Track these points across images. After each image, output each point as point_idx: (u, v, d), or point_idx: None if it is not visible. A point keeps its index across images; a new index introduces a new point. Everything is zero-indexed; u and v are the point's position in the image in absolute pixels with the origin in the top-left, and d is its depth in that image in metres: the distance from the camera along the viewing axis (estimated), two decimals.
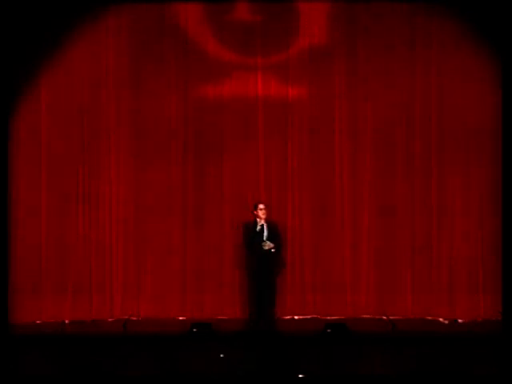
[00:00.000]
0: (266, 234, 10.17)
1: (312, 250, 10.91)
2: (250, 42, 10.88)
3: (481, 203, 10.81)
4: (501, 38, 10.49)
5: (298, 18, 10.86)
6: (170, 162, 10.92)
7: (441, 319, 10.65)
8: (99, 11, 10.80)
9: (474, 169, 10.81)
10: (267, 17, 10.84)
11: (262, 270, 10.12)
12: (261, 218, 10.18)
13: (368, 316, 10.78)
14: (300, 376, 8.52)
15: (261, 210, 10.19)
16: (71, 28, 10.75)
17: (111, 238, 10.90)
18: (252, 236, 10.17)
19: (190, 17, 10.92)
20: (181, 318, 10.74)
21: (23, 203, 10.76)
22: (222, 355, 8.87)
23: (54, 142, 10.82)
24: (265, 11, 10.84)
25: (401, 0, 10.81)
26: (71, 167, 10.85)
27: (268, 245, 10.10)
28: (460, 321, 10.60)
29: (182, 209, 10.93)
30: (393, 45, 10.82)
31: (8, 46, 10.47)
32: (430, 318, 10.69)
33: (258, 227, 10.17)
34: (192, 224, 10.93)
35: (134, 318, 10.70)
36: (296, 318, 10.78)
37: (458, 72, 10.76)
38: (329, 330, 9.65)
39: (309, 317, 10.78)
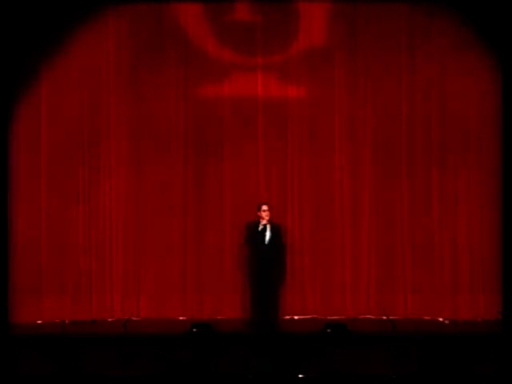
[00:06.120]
0: (268, 235, 10.13)
1: (312, 249, 10.90)
2: (250, 42, 10.88)
3: (482, 203, 10.79)
4: (501, 38, 10.49)
5: (298, 18, 10.86)
6: (170, 162, 10.91)
7: (441, 319, 10.65)
8: (99, 11, 10.81)
9: (475, 170, 10.79)
10: (267, 17, 10.84)
11: (262, 271, 10.12)
12: (263, 219, 10.10)
13: (368, 316, 10.78)
14: (300, 376, 8.52)
15: (264, 211, 10.08)
16: (71, 28, 10.75)
17: (111, 238, 10.90)
18: (252, 236, 10.13)
19: (190, 17, 10.93)
20: (181, 318, 10.73)
21: (23, 203, 10.76)
22: None
23: (54, 142, 10.80)
24: (265, 11, 10.84)
25: (401, 0, 10.82)
26: (71, 167, 10.84)
27: None
28: (460, 321, 10.60)
29: (182, 209, 10.92)
30: (393, 45, 10.82)
31: (8, 46, 10.47)
32: (429, 317, 10.69)
33: (260, 227, 10.12)
34: (192, 224, 10.92)
35: (134, 318, 10.70)
36: (296, 317, 10.78)
37: (458, 71, 10.76)
38: (329, 330, 9.66)
39: (309, 317, 10.78)
